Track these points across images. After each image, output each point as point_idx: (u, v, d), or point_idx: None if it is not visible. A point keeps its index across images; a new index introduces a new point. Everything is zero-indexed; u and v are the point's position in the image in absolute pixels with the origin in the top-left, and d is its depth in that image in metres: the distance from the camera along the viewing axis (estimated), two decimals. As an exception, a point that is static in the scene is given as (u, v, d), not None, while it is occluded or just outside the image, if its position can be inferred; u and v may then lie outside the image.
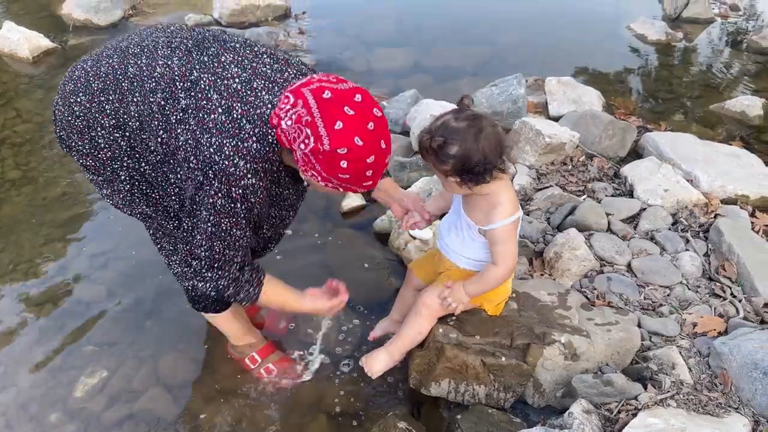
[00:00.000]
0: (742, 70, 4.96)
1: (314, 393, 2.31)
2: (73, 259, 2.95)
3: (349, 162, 1.44)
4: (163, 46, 1.64)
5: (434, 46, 5.23)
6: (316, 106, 1.41)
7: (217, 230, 1.60)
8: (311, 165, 1.46)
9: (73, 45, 5.11)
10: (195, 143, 1.53)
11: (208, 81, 1.57)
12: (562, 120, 3.69)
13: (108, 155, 1.72)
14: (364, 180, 1.51)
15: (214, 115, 1.53)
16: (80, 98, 1.65)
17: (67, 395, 2.32)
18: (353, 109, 1.43)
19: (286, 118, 1.45)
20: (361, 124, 1.43)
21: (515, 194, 1.85)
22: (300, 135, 1.42)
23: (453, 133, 1.65)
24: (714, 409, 1.89)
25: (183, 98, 1.56)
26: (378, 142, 1.47)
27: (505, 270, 1.85)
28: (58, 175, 3.52)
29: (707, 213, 2.88)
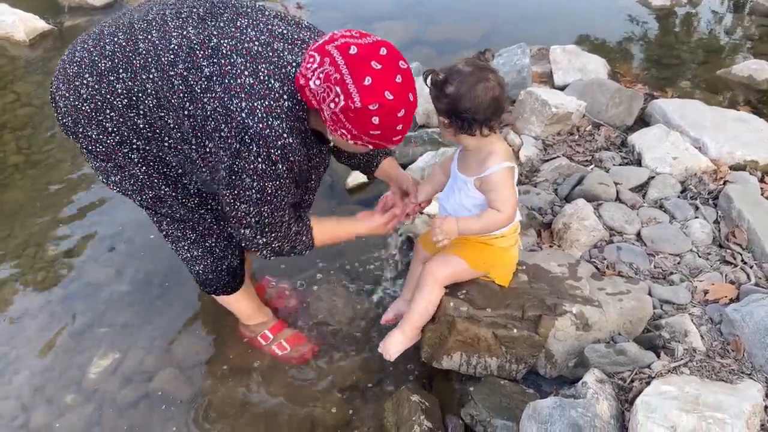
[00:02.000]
0: (748, 33, 4.88)
1: (326, 368, 2.32)
2: (80, 242, 2.95)
3: (381, 117, 1.42)
4: (172, 17, 1.59)
5: (434, 18, 5.16)
6: (343, 63, 1.38)
7: (262, 195, 1.58)
8: (341, 124, 1.44)
9: (69, 26, 5.06)
10: (225, 110, 1.49)
11: (228, 46, 1.53)
12: (568, 89, 3.65)
13: (117, 140, 1.68)
14: (394, 134, 1.50)
15: (241, 79, 1.49)
16: (87, 80, 1.60)
17: (81, 377, 2.34)
18: (380, 63, 1.40)
19: (314, 77, 1.41)
20: (390, 77, 1.41)
21: (509, 149, 1.86)
22: (330, 94, 1.40)
23: (455, 74, 1.67)
24: (727, 375, 1.89)
25: (206, 66, 1.52)
26: (406, 94, 1.45)
27: (506, 216, 1.82)
28: (62, 158, 3.50)
29: (716, 180, 2.86)
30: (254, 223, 1.66)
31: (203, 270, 2.06)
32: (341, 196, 3.18)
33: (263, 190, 1.56)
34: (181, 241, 1.98)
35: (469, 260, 1.97)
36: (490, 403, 1.96)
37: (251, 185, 1.55)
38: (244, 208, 1.61)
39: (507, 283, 2.08)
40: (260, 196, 1.58)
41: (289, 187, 1.63)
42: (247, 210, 1.61)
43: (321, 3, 5.48)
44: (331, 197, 3.16)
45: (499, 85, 1.68)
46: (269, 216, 1.65)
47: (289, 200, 1.67)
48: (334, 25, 5.02)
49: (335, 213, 3.05)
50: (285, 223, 1.73)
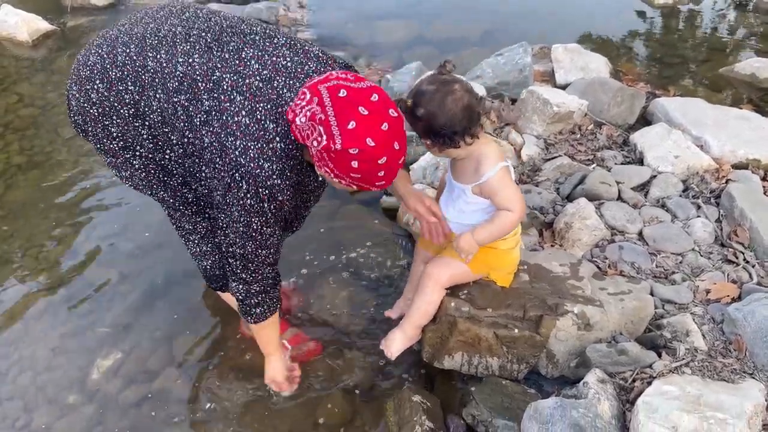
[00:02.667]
0: (750, 31, 4.86)
1: (329, 368, 2.32)
2: (82, 242, 2.95)
3: (360, 162, 1.43)
4: (181, 39, 1.62)
5: (436, 17, 5.14)
6: (330, 105, 1.40)
7: (248, 230, 1.63)
8: (324, 162, 1.46)
9: (71, 26, 5.06)
10: (220, 146, 1.54)
11: (230, 82, 1.57)
12: (570, 88, 3.64)
13: (120, 145, 1.72)
14: (376, 180, 1.50)
15: (238, 118, 1.54)
16: (97, 86, 1.64)
17: (84, 377, 2.34)
18: (368, 109, 1.41)
19: (300, 114, 1.44)
20: (375, 124, 1.41)
21: (499, 148, 1.86)
22: (313, 132, 1.42)
23: (421, 96, 1.69)
24: (729, 375, 1.89)
25: (206, 99, 1.57)
26: (391, 143, 1.45)
27: (519, 215, 1.82)
28: (64, 159, 3.51)
29: (718, 178, 2.85)
30: (239, 254, 1.70)
31: (211, 266, 2.09)
32: (343, 195, 3.17)
33: (249, 224, 1.61)
34: (192, 235, 2.01)
35: (470, 263, 1.96)
36: (491, 404, 1.96)
37: (239, 218, 1.60)
38: (233, 237, 1.66)
39: (508, 284, 2.08)
40: (246, 230, 1.63)
41: (274, 226, 1.67)
42: (234, 240, 1.66)
43: (323, 2, 5.47)
44: (333, 197, 3.15)
45: (467, 93, 1.69)
46: (253, 252, 1.70)
47: (274, 241, 1.72)
48: (336, 24, 5.05)
49: (339, 212, 3.06)
50: (269, 267, 1.79)
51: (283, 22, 5.08)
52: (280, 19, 5.11)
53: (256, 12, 5.04)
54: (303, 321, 2.52)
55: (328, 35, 4.85)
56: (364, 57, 4.50)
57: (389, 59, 4.39)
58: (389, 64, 4.31)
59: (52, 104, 4.01)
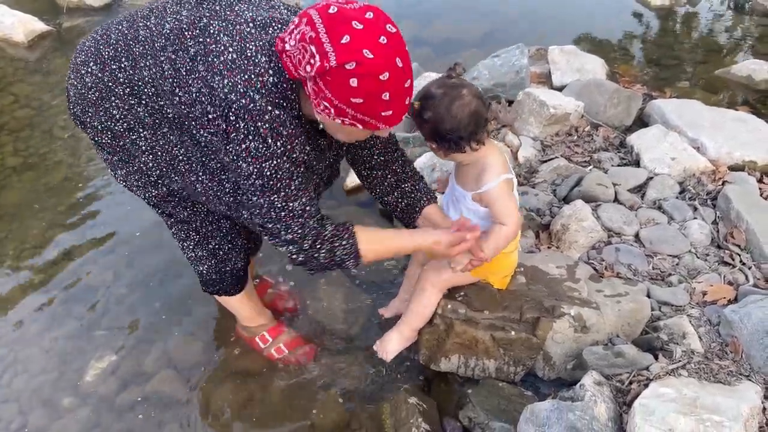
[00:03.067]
0: (747, 33, 4.88)
1: (325, 371, 2.32)
2: (78, 244, 2.94)
3: (359, 79, 1.29)
4: (172, 3, 1.57)
5: (433, 18, 5.15)
6: (320, 22, 1.29)
7: (264, 181, 1.48)
8: (322, 93, 1.34)
9: (67, 27, 5.05)
10: (208, 90, 1.42)
11: (218, 26, 1.47)
12: (566, 90, 3.64)
13: (125, 126, 1.64)
14: (381, 106, 1.35)
15: (224, 56, 1.42)
16: (91, 68, 1.59)
17: (79, 379, 2.33)
18: (362, 24, 1.29)
19: (290, 39, 1.33)
20: (372, 37, 1.28)
21: (504, 158, 1.84)
22: (305, 55, 1.30)
23: (428, 99, 1.68)
24: (725, 377, 1.89)
25: (192, 46, 1.47)
26: (392, 57, 1.31)
27: (513, 227, 1.82)
28: (60, 161, 3.50)
29: (715, 180, 2.85)
30: (274, 217, 1.55)
31: (207, 270, 2.06)
32: (339, 196, 3.17)
33: (261, 172, 1.46)
34: (186, 241, 1.98)
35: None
36: (488, 406, 1.96)
37: (249, 170, 1.46)
38: (255, 200, 1.53)
39: (505, 287, 2.08)
40: (262, 182, 1.48)
41: (290, 169, 1.50)
42: (259, 203, 1.53)
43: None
44: (329, 198, 3.15)
45: (475, 98, 1.67)
46: (285, 208, 1.54)
47: (300, 186, 1.55)
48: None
49: (335, 214, 3.05)
50: (312, 219, 1.60)
51: None
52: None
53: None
54: (299, 323, 2.51)
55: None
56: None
57: (386, 60, 4.39)
58: (386, 65, 4.30)
59: (48, 105, 4.00)
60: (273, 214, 1.55)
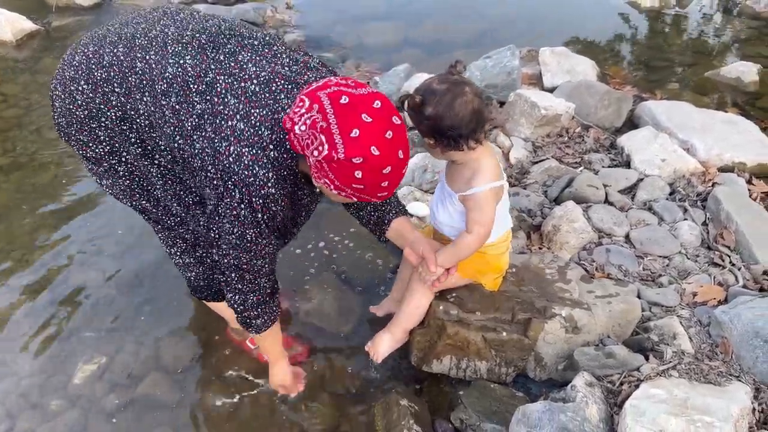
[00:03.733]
0: (736, 35, 4.92)
1: (316, 372, 2.31)
2: (66, 245, 2.91)
3: (364, 172, 1.35)
4: (173, 41, 1.55)
5: (425, 19, 5.16)
6: (332, 112, 1.33)
7: (242, 242, 1.56)
8: (324, 173, 1.39)
9: (56, 27, 5.01)
10: (213, 152, 1.47)
11: (224, 84, 1.50)
12: (557, 91, 3.65)
13: (107, 150, 1.66)
14: (379, 191, 1.43)
15: (232, 122, 1.46)
16: (82, 86, 1.57)
17: (67, 382, 2.30)
18: (371, 116, 1.34)
19: (300, 123, 1.36)
20: (379, 132, 1.34)
21: (497, 163, 1.83)
22: (314, 141, 1.35)
23: (430, 94, 1.65)
24: (715, 377, 1.90)
25: (198, 102, 1.49)
26: (396, 152, 1.38)
27: (477, 238, 1.81)
28: (48, 161, 3.46)
29: (705, 181, 2.87)
30: (234, 266, 1.64)
31: (195, 277, 2.05)
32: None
33: (243, 236, 1.55)
34: (173, 248, 1.96)
35: (459, 268, 1.95)
36: (479, 407, 1.96)
37: (231, 230, 1.54)
38: (225, 248, 1.60)
39: (497, 288, 2.08)
40: (239, 242, 1.56)
41: (269, 237, 1.60)
42: (227, 251, 1.60)
43: (311, 3, 5.47)
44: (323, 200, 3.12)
45: (476, 97, 1.66)
46: (248, 263, 1.63)
47: (270, 251, 1.65)
48: (324, 25, 5.04)
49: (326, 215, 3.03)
50: (265, 277, 1.72)
51: (270, 23, 5.07)
52: (268, 20, 5.09)
53: (243, 13, 5.02)
54: (290, 324, 2.50)
55: (316, 37, 4.84)
56: (352, 59, 4.50)
57: (378, 61, 4.39)
58: (378, 65, 4.30)
59: (37, 105, 3.96)
60: (235, 264, 1.63)
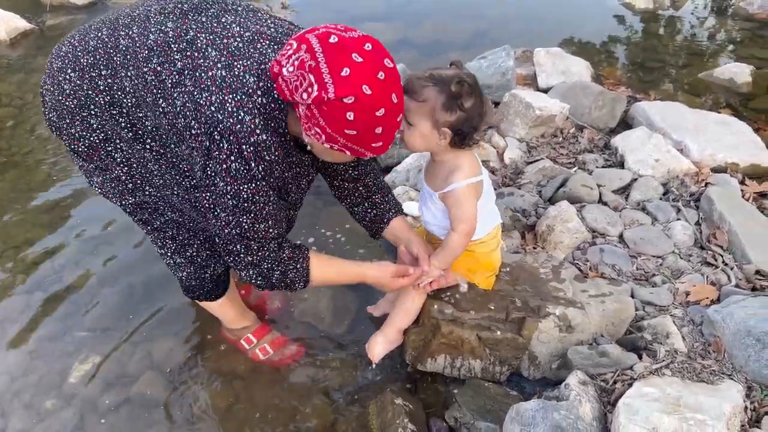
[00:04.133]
0: (729, 37, 4.94)
1: (310, 372, 2.31)
2: (61, 244, 2.91)
3: (356, 113, 1.29)
4: (155, 13, 1.52)
5: (421, 20, 5.17)
6: (321, 51, 1.27)
7: (238, 201, 1.47)
8: (315, 120, 1.33)
9: (50, 25, 5.01)
10: (194, 105, 1.40)
11: (205, 39, 1.45)
12: (552, 92, 3.66)
13: (101, 137, 1.62)
14: (373, 138, 1.37)
15: (213, 72, 1.40)
16: (69, 75, 1.55)
17: (62, 381, 2.30)
18: (362, 57, 1.29)
19: (287, 64, 1.31)
20: (371, 72, 1.29)
21: (476, 159, 1.83)
22: (303, 83, 1.29)
23: (470, 87, 1.59)
24: (708, 376, 1.91)
25: (179, 60, 1.44)
26: (389, 94, 1.33)
27: (462, 234, 1.81)
28: (42, 159, 3.46)
29: (698, 182, 2.88)
30: (236, 236, 1.54)
31: (186, 277, 2.04)
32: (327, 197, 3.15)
33: (238, 194, 1.46)
34: (164, 248, 1.95)
35: (452, 268, 1.96)
36: (474, 406, 1.96)
37: (225, 189, 1.45)
38: (224, 216, 1.51)
39: (490, 287, 2.09)
40: (236, 202, 1.47)
41: (268, 193, 1.50)
42: (226, 219, 1.51)
43: (306, 2, 5.47)
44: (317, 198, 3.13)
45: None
46: (251, 228, 1.53)
47: (271, 210, 1.54)
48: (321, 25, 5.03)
49: (322, 214, 3.04)
50: (273, 241, 1.63)
51: None
52: (264, 20, 5.08)
53: (239, 13, 5.01)
54: (285, 324, 2.50)
55: (312, 37, 4.83)
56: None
57: (373, 61, 4.39)
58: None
59: (30, 104, 3.96)
60: (237, 232, 1.54)
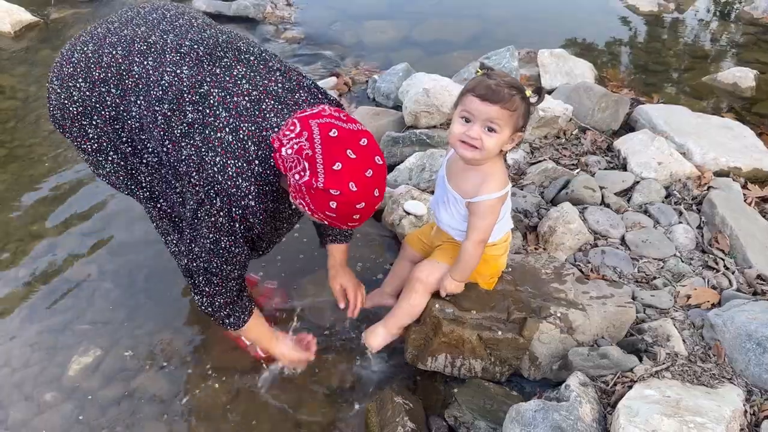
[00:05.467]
0: (733, 41, 4.94)
1: (311, 369, 2.31)
2: (62, 237, 2.91)
3: (339, 204, 1.44)
4: (171, 49, 1.61)
5: (424, 19, 5.17)
6: (319, 142, 1.42)
7: (215, 247, 1.62)
8: (302, 195, 1.47)
9: (55, 19, 4.99)
10: (199, 160, 1.54)
11: (217, 97, 1.57)
12: (555, 93, 3.67)
13: (94, 147, 1.72)
14: (350, 221, 1.52)
15: (221, 134, 1.53)
16: (80, 84, 1.63)
17: (62, 374, 2.30)
18: (356, 153, 1.43)
19: (287, 146, 1.44)
20: (361, 169, 1.43)
21: (505, 169, 1.87)
22: (297, 166, 1.43)
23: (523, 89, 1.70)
24: (708, 379, 1.91)
25: (190, 112, 1.56)
26: (372, 190, 1.47)
27: (476, 243, 1.86)
28: (45, 152, 3.46)
29: (700, 185, 2.89)
30: (203, 269, 1.69)
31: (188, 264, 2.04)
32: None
33: (218, 242, 1.61)
34: (169, 235, 1.98)
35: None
36: (474, 405, 1.97)
37: (207, 235, 1.60)
38: (197, 251, 1.66)
39: (492, 287, 2.09)
40: (213, 247, 1.62)
41: (243, 246, 1.66)
42: (199, 254, 1.66)
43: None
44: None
45: None
46: (218, 267, 1.68)
47: (241, 258, 1.70)
48: (324, 23, 5.03)
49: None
50: (234, 282, 1.77)
51: (270, 19, 5.06)
52: (267, 16, 5.09)
53: (242, 9, 5.01)
54: (286, 321, 2.50)
55: (316, 34, 4.84)
56: (351, 57, 4.50)
57: (377, 60, 4.40)
58: (376, 64, 4.31)
59: (34, 97, 3.95)
60: (204, 267, 1.69)
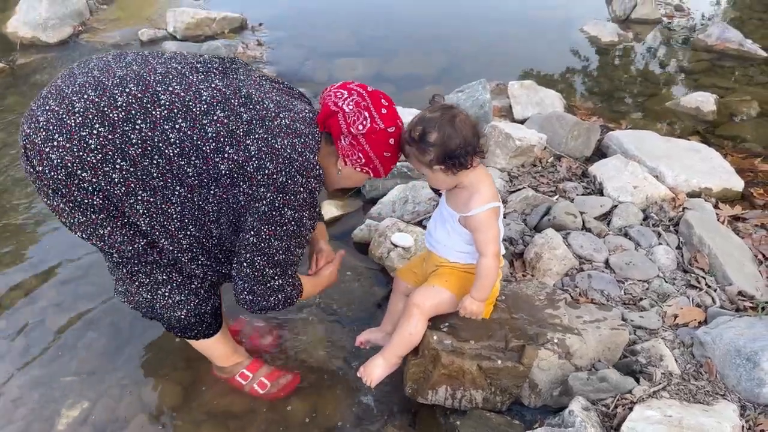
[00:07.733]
0: (691, 67, 5.16)
1: (307, 407, 2.28)
2: (41, 288, 2.81)
3: (395, 139, 1.77)
4: (190, 71, 1.71)
5: (393, 55, 5.27)
6: (367, 95, 1.75)
7: (299, 228, 1.76)
8: (359, 147, 1.74)
9: (21, 64, 4.94)
10: (270, 149, 1.66)
11: (258, 94, 1.74)
12: (528, 122, 3.76)
13: (123, 190, 1.63)
14: (396, 160, 1.84)
15: (278, 120, 1.71)
16: (97, 130, 1.56)
17: (50, 429, 2.22)
18: (386, 101, 1.78)
19: (346, 104, 1.73)
20: (395, 111, 1.78)
21: (493, 185, 1.91)
22: (359, 117, 1.72)
23: (430, 122, 1.76)
24: (703, 397, 1.95)
25: (244, 112, 1.69)
26: (402, 122, 1.81)
27: (492, 256, 1.89)
28: (17, 202, 3.38)
29: (675, 207, 2.98)
30: (281, 261, 1.79)
31: (186, 315, 1.98)
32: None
33: (300, 220, 1.75)
34: (163, 287, 1.90)
35: (455, 291, 1.99)
36: (477, 436, 1.96)
37: (292, 217, 1.72)
38: (277, 244, 1.74)
39: (488, 315, 2.10)
40: (296, 228, 1.75)
41: (316, 219, 1.84)
42: (279, 246, 1.75)
43: (281, 39, 5.52)
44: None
45: (467, 115, 1.79)
46: (293, 252, 1.81)
47: (310, 237, 1.86)
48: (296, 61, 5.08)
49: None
50: (295, 266, 1.89)
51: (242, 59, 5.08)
52: (239, 56, 5.11)
53: (214, 49, 5.04)
54: (278, 359, 2.47)
55: (288, 72, 4.89)
56: (324, 94, 4.54)
57: (350, 96, 4.44)
58: (350, 100, 4.35)
59: (2, 143, 3.87)
60: (282, 258, 1.79)
